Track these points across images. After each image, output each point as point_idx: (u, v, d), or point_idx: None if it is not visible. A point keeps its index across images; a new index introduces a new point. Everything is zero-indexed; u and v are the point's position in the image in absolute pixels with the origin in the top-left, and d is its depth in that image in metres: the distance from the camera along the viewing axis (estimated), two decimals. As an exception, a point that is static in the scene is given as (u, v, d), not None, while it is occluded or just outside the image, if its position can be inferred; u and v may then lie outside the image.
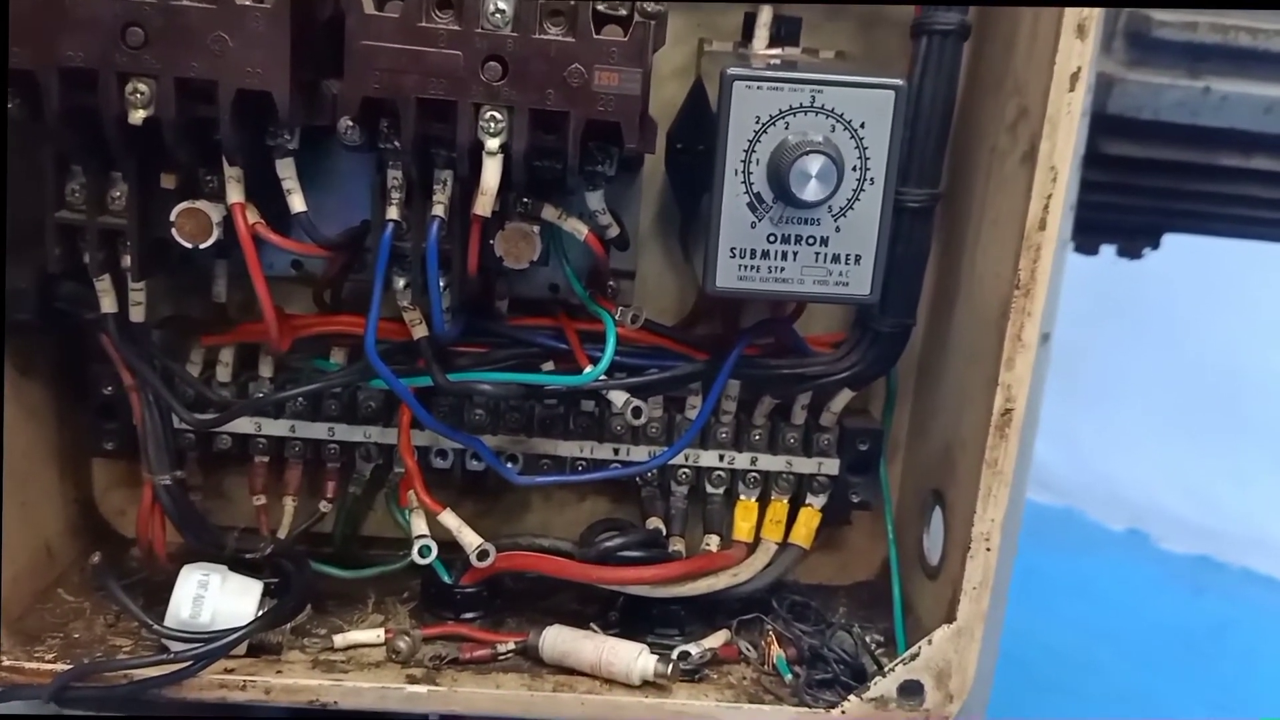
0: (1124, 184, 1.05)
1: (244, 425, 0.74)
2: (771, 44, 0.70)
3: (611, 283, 0.72)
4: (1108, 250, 1.28)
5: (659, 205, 0.75)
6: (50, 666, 0.64)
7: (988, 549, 0.64)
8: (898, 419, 0.79)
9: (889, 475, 0.79)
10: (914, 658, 0.66)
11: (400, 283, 0.64)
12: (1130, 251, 1.26)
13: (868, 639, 0.74)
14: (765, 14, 0.69)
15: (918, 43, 0.65)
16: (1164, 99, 0.95)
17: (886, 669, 0.66)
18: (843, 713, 0.66)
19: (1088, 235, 1.21)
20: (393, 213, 0.61)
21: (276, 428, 0.74)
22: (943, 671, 0.66)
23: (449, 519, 0.70)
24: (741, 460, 0.76)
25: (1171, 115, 0.96)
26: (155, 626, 0.63)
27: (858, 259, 0.60)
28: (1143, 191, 1.08)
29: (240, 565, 0.70)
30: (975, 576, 0.64)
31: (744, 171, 0.58)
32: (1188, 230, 1.20)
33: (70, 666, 0.63)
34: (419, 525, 0.71)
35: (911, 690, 0.66)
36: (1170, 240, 1.27)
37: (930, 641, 0.65)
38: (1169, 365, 2.31)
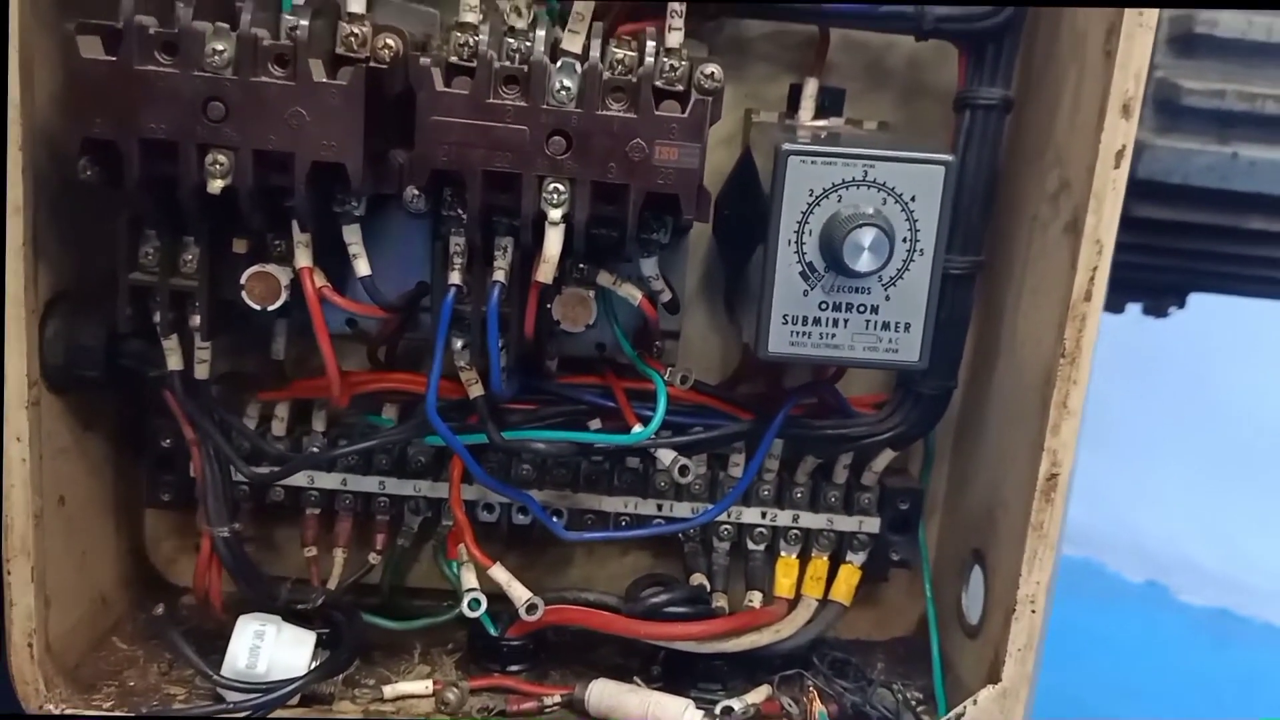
0: (1153, 245, 1.06)
1: (298, 479, 0.75)
2: (817, 115, 0.72)
3: (658, 343, 0.74)
4: (1133, 308, 1.29)
5: (704, 268, 0.77)
6: (108, 714, 0.66)
7: (1033, 611, 0.65)
8: (935, 478, 0.80)
9: (928, 533, 0.80)
10: (959, 718, 0.66)
11: (459, 343, 0.66)
12: (1156, 310, 1.27)
13: (909, 695, 0.74)
14: (811, 86, 0.72)
15: (961, 116, 0.67)
16: (1193, 164, 0.97)
17: (932, 728, 0.67)
18: (888, 771, 0.67)
19: (1115, 294, 1.22)
20: (455, 278, 0.63)
21: (329, 481, 0.76)
22: (987, 732, 0.66)
23: (499, 573, 0.71)
24: (784, 518, 0.77)
25: (1201, 180, 0.97)
26: (215, 676, 0.64)
27: (908, 327, 0.61)
28: (1171, 253, 1.09)
29: (292, 615, 0.71)
30: (1020, 639, 0.65)
31: (797, 242, 0.60)
32: (1215, 290, 1.21)
33: (130, 715, 0.64)
34: (469, 578, 0.72)
35: (956, 751, 0.66)
36: (1196, 295, 1.28)
37: (975, 702, 0.66)
38: (1194, 416, 2.31)
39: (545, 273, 0.59)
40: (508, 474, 0.75)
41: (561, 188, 0.58)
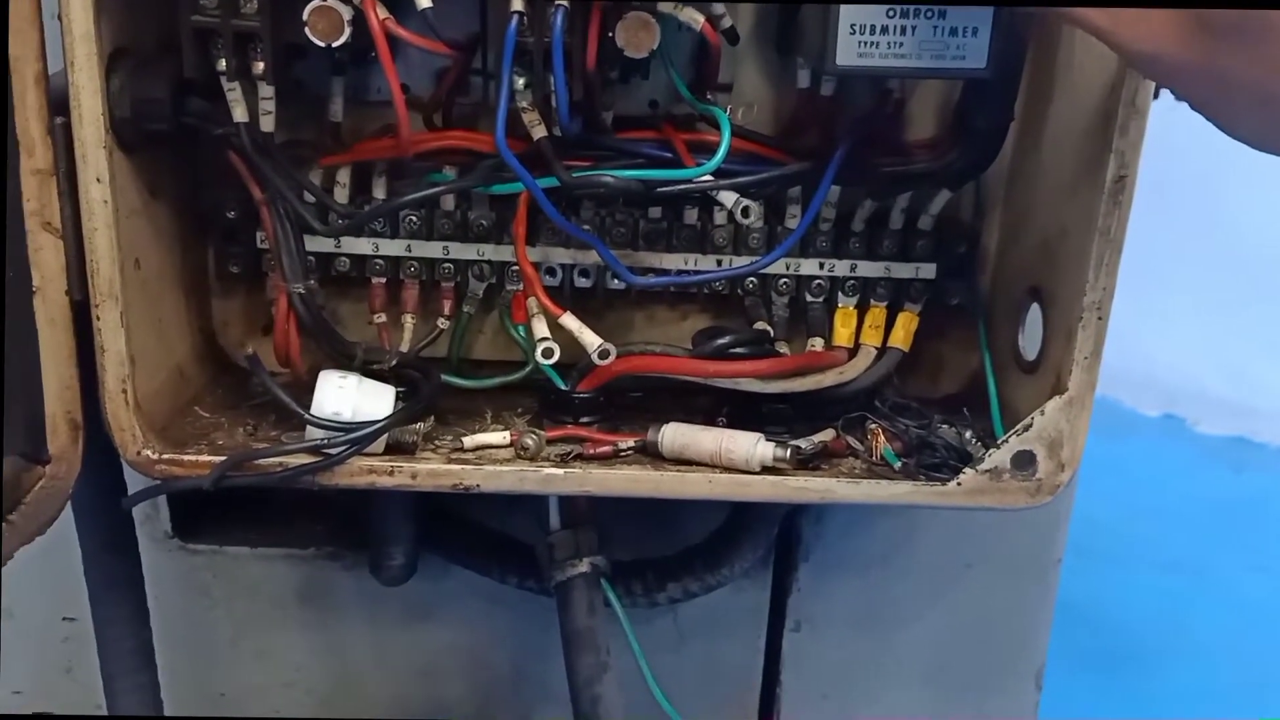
0: None
1: (362, 246, 0.76)
2: None
3: (710, 95, 0.74)
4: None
5: (755, 18, 0.76)
6: (205, 458, 0.68)
7: (1099, 318, 0.66)
8: (988, 227, 0.81)
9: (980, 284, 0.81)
10: (1027, 429, 0.68)
11: (520, 82, 0.66)
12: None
13: (973, 430, 0.76)
14: None
15: None
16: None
17: (1000, 440, 0.69)
18: (959, 484, 0.69)
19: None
20: (517, 3, 0.63)
21: (393, 247, 0.77)
22: (1055, 441, 0.68)
23: (570, 320, 0.72)
24: (841, 267, 0.78)
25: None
26: (306, 415, 0.66)
27: (975, 31, 0.61)
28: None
29: (369, 376, 0.73)
30: (1087, 346, 0.67)
31: (864, -56, 0.59)
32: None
33: (235, 454, 0.66)
34: (540, 329, 0.73)
35: (1025, 461, 0.68)
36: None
37: (1043, 412, 0.68)
38: (1203, 241, 2.31)
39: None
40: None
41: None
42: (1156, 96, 1.26)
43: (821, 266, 0.78)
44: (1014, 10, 0.64)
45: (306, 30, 0.63)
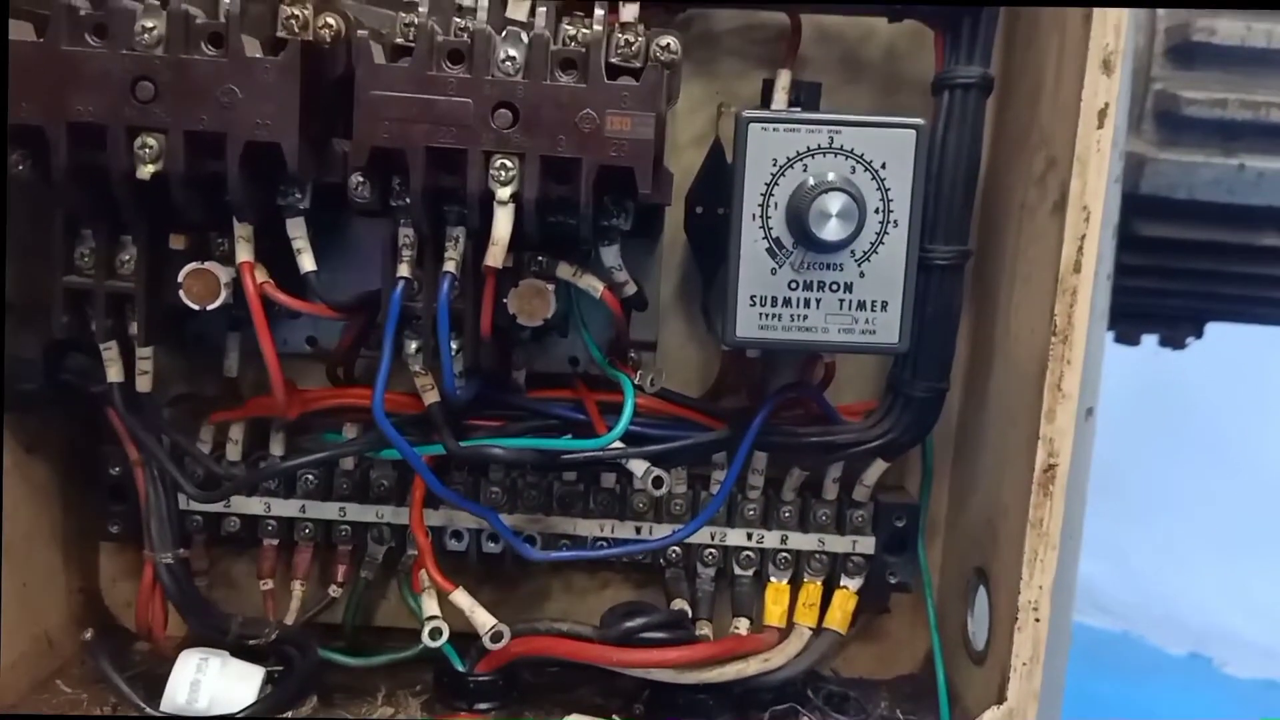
0: (1163, 268, 1.02)
1: (253, 506, 0.71)
2: (790, 109, 0.69)
3: (633, 354, 0.70)
4: (1149, 342, 1.24)
5: (680, 276, 0.74)
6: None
7: (1036, 620, 0.59)
8: (936, 496, 0.75)
9: (930, 557, 0.74)
10: (963, 743, 0.60)
11: (412, 346, 0.62)
12: (1173, 341, 1.22)
13: (912, 732, 0.68)
14: (784, 78, 0.69)
15: (939, 98, 0.63)
16: (1198, 177, 0.94)
17: (933, 756, 0.61)
18: (889, 805, 0.60)
19: (1129, 324, 1.18)
20: (404, 270, 0.60)
21: (286, 508, 0.71)
22: (997, 759, 0.60)
23: (461, 598, 0.66)
24: (771, 539, 0.72)
25: (1207, 194, 0.94)
26: (147, 710, 0.59)
27: (884, 305, 0.57)
28: (1182, 275, 1.05)
29: (244, 653, 0.66)
30: (1025, 651, 0.59)
31: (762, 216, 0.56)
32: (1232, 317, 1.16)
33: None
34: (430, 606, 0.67)
35: (962, 779, 0.60)
36: (1214, 342, 1.23)
37: (980, 725, 0.60)
38: (1220, 475, 2.23)
39: (495, 256, 0.56)
40: (477, 498, 0.71)
41: (509, 164, 0.55)
42: (1136, 343, 1.21)
43: (750, 537, 0.72)
44: (933, 273, 0.60)
45: (181, 294, 0.60)
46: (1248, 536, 2.29)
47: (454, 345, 0.61)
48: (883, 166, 0.56)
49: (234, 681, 0.62)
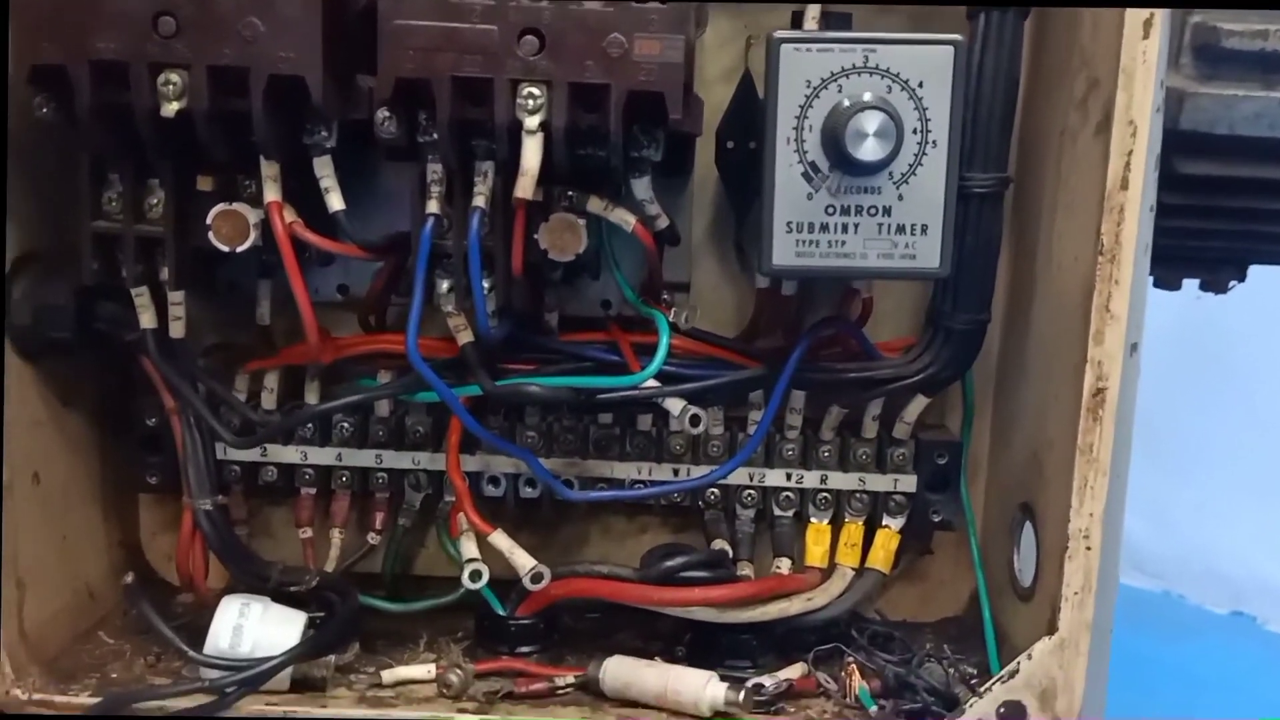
0: (1203, 207, 0.99)
1: (290, 455, 0.71)
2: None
3: (666, 295, 0.69)
4: (1190, 287, 1.21)
5: (711, 215, 0.72)
6: (82, 700, 0.61)
7: (1088, 548, 0.58)
8: (978, 434, 0.74)
9: (972, 496, 0.73)
10: (1013, 675, 0.59)
11: (444, 285, 0.61)
12: (1215, 285, 1.20)
13: (960, 670, 0.67)
14: (813, 10, 0.67)
15: (975, 22, 0.62)
16: (1238, 112, 0.91)
17: (983, 689, 0.60)
18: (937, 738, 0.60)
19: (1168, 267, 1.15)
20: (433, 207, 0.59)
21: (323, 456, 0.71)
22: (1047, 690, 0.59)
23: (500, 540, 0.66)
24: (810, 478, 0.71)
25: (1248, 129, 0.91)
26: (191, 653, 0.60)
27: (924, 229, 0.56)
28: (1223, 214, 1.02)
29: (286, 600, 0.66)
30: (1076, 580, 0.58)
31: (797, 140, 0.55)
32: (1274, 259, 1.13)
33: (92, 699, 0.59)
34: (469, 549, 0.67)
35: (1014, 712, 0.59)
36: (1256, 286, 1.20)
37: (1030, 656, 0.59)
38: (1260, 426, 2.19)
39: (524, 187, 0.55)
40: (512, 441, 0.70)
41: (536, 92, 0.54)
42: (1177, 287, 1.19)
43: (789, 477, 0.71)
44: (971, 202, 0.59)
45: (210, 235, 0.59)
46: (1289, 487, 2.25)
47: (485, 285, 0.60)
48: (920, 85, 0.54)
49: (276, 626, 0.62)
